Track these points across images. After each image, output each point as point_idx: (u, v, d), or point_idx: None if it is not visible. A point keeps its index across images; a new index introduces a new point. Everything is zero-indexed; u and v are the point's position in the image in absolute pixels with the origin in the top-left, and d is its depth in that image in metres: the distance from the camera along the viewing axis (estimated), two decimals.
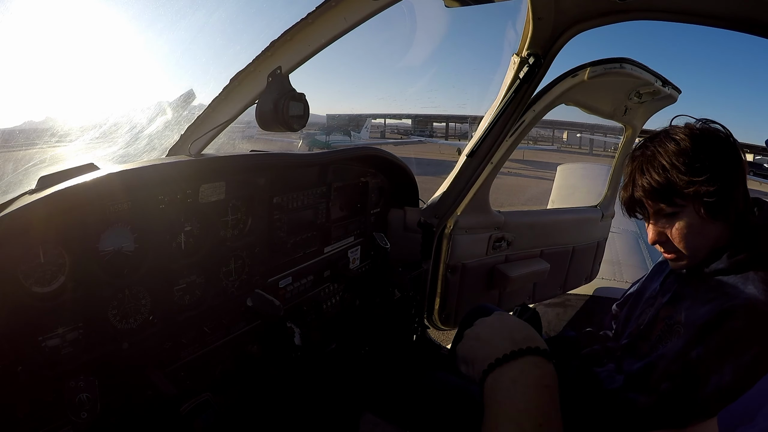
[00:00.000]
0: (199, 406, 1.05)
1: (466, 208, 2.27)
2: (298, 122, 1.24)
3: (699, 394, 0.90)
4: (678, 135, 1.02)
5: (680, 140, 1.01)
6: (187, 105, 1.43)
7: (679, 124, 1.07)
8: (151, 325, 1.15)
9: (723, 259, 1.02)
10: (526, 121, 2.20)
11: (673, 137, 1.02)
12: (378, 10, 1.27)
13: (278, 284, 1.54)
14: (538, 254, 2.75)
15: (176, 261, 1.21)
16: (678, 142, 1.01)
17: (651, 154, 1.05)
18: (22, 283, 0.91)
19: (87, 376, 0.96)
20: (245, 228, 1.40)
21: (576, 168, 6.98)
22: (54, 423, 0.95)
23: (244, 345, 1.41)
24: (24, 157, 1.28)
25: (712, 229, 1.03)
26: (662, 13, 1.42)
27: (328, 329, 1.74)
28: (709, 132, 1.03)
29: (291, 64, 1.28)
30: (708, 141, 1.01)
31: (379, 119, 53.84)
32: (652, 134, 1.10)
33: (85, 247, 1.00)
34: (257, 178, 1.40)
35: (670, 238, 1.06)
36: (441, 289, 2.38)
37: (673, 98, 2.48)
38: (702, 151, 0.99)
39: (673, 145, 1.01)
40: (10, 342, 0.88)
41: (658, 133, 1.08)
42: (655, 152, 1.04)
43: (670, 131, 1.05)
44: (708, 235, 1.03)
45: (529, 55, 1.77)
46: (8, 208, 0.89)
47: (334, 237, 1.77)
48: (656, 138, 1.07)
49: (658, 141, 1.05)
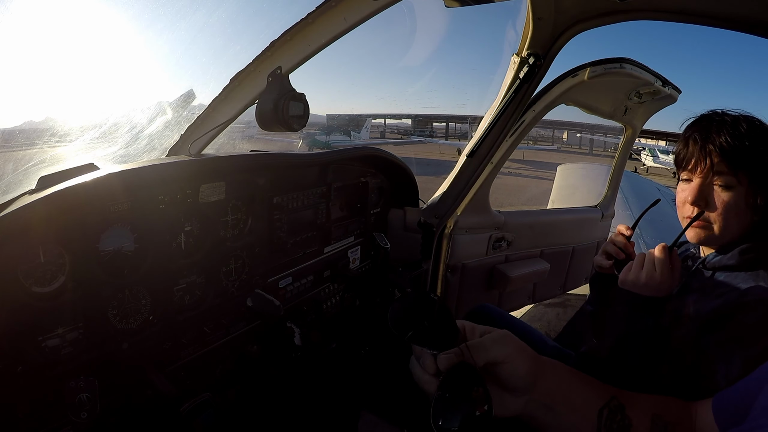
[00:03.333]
0: (199, 406, 1.05)
1: (466, 208, 2.27)
2: (298, 122, 1.24)
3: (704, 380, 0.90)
4: (737, 121, 1.00)
5: (741, 125, 0.99)
6: (187, 105, 1.44)
7: None
8: (151, 325, 1.15)
9: (734, 254, 1.01)
10: (526, 121, 2.20)
11: (753, 121, 1.01)
12: (378, 10, 1.27)
13: (278, 284, 1.54)
14: (538, 254, 2.75)
15: (176, 261, 1.21)
16: (739, 126, 0.99)
17: (733, 120, 1.01)
18: (22, 283, 0.91)
19: (87, 376, 0.96)
20: (245, 228, 1.40)
21: (576, 168, 6.98)
22: (54, 423, 0.95)
23: (244, 345, 1.41)
24: (24, 157, 1.28)
25: (747, 218, 1.01)
26: (662, 13, 1.42)
27: (328, 329, 1.74)
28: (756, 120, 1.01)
29: (291, 64, 1.28)
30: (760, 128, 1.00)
31: (379, 119, 53.83)
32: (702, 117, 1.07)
33: (85, 247, 1.00)
34: (257, 178, 1.40)
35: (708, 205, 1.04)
36: (441, 289, 2.38)
37: (673, 98, 2.48)
38: (760, 136, 0.98)
39: (757, 127, 0.99)
40: (10, 342, 0.88)
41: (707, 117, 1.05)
42: (738, 121, 1.01)
43: (750, 117, 1.02)
44: (743, 221, 1.02)
45: (529, 55, 1.77)
46: (8, 208, 0.89)
47: (334, 237, 1.77)
48: (733, 113, 1.04)
49: (740, 116, 1.02)
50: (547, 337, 1.71)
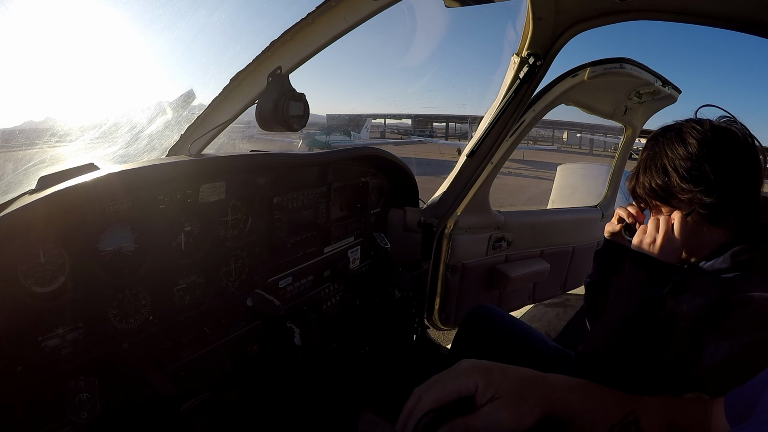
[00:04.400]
0: (199, 406, 1.05)
1: (466, 208, 2.27)
2: (298, 122, 1.25)
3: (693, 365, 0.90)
4: (689, 138, 0.99)
5: (689, 144, 0.98)
6: (187, 105, 1.44)
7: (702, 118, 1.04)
8: (151, 325, 1.15)
9: (726, 257, 1.01)
10: (526, 121, 2.20)
11: (684, 139, 1.00)
12: (378, 10, 1.27)
13: (278, 284, 1.54)
14: (538, 254, 2.75)
15: (176, 261, 1.21)
16: (687, 146, 0.99)
17: (657, 152, 1.04)
18: (22, 283, 0.91)
19: (87, 376, 0.96)
20: (245, 228, 1.40)
21: (576, 168, 6.97)
22: (54, 423, 0.95)
23: (244, 345, 1.41)
24: (24, 157, 1.28)
25: (709, 231, 1.02)
26: (662, 13, 1.42)
27: (328, 329, 1.74)
28: (725, 135, 0.99)
29: (291, 64, 1.28)
30: (720, 146, 0.97)
31: (379, 119, 53.81)
32: (668, 126, 1.07)
33: (85, 247, 1.00)
34: (257, 178, 1.40)
35: None
36: (441, 289, 2.39)
37: (673, 98, 2.48)
38: (709, 158, 0.97)
39: (681, 149, 0.99)
40: (10, 342, 0.88)
41: (672, 128, 1.05)
42: (661, 152, 1.03)
43: (684, 130, 1.02)
44: (704, 237, 1.03)
45: (529, 55, 1.77)
46: (8, 208, 0.89)
47: (334, 237, 1.77)
48: (669, 133, 1.04)
49: (668, 139, 1.03)
50: (547, 337, 1.71)
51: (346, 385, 1.73)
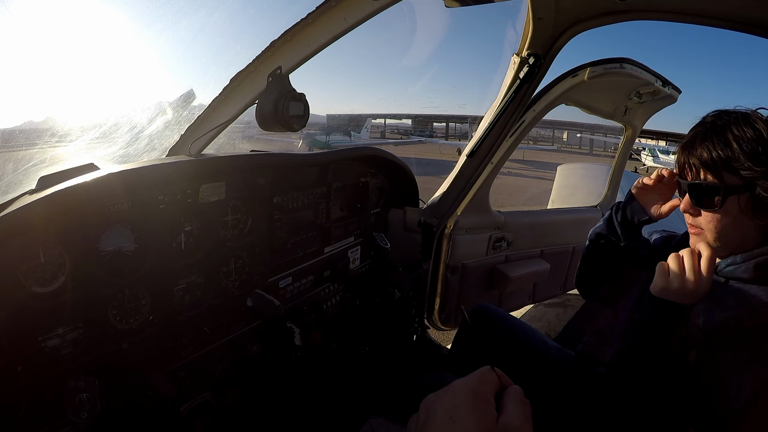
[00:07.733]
0: (199, 406, 1.05)
1: (466, 208, 2.27)
2: (298, 122, 1.25)
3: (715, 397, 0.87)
4: (758, 123, 0.97)
5: (759, 127, 0.96)
6: (187, 105, 1.44)
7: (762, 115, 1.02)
8: (151, 325, 1.15)
9: (748, 267, 0.97)
10: (526, 121, 2.20)
11: (753, 122, 0.98)
12: (378, 10, 1.27)
13: (278, 284, 1.54)
14: (538, 254, 2.75)
15: (176, 261, 1.21)
16: (755, 128, 0.96)
17: (722, 125, 1.00)
18: (22, 283, 0.91)
19: (87, 376, 0.96)
20: (245, 228, 1.40)
21: (576, 168, 6.96)
22: (54, 423, 0.95)
23: (244, 345, 1.41)
24: (24, 157, 1.28)
25: (745, 225, 0.98)
26: (662, 13, 1.42)
27: (328, 329, 1.74)
28: None
29: (291, 64, 1.28)
30: None
31: (379, 119, 53.80)
32: (726, 110, 1.04)
33: (85, 247, 1.00)
34: (257, 178, 1.40)
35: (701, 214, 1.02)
36: (441, 289, 2.38)
37: (673, 98, 2.48)
38: None
39: (750, 130, 0.96)
40: (10, 342, 0.88)
41: (735, 111, 1.02)
42: (726, 126, 0.99)
43: (751, 116, 1.00)
44: (739, 228, 0.99)
45: (529, 55, 1.77)
46: (8, 208, 0.89)
47: (334, 237, 1.77)
48: (733, 114, 1.01)
49: (734, 118, 1.00)
50: (547, 337, 1.71)
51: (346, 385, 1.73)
